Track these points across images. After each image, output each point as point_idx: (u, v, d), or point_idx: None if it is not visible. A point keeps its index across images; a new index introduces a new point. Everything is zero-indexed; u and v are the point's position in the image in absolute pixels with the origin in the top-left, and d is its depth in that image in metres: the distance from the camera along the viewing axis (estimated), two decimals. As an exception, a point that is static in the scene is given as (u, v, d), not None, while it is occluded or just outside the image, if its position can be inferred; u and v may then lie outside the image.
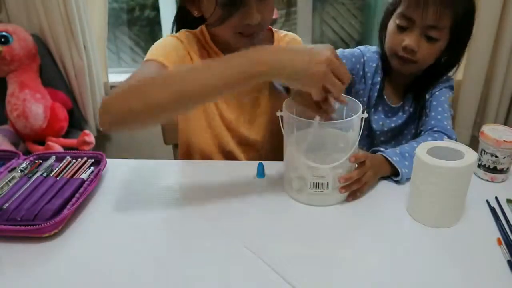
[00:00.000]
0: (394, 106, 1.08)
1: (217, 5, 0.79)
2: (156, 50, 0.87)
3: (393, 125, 1.09)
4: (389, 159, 0.82)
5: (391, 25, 0.97)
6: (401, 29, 0.94)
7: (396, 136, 1.12)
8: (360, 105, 0.74)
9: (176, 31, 0.96)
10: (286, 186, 0.81)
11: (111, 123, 0.70)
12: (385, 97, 1.08)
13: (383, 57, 1.05)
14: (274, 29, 1.00)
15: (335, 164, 0.73)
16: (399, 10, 0.95)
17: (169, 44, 0.90)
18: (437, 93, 1.01)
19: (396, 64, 0.99)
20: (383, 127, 1.10)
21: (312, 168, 0.73)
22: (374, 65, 1.06)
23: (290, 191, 0.80)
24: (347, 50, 1.08)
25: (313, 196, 0.76)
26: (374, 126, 1.11)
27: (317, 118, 0.71)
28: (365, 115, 0.73)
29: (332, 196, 0.77)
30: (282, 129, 0.77)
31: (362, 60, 1.07)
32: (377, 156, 0.83)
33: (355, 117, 0.72)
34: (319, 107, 0.72)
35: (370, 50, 1.08)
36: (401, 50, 0.95)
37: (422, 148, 0.71)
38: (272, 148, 1.02)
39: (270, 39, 0.99)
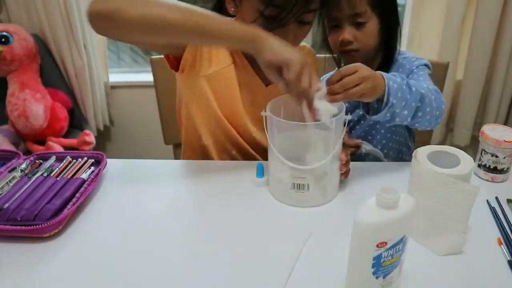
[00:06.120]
0: None
1: (260, 16, 0.79)
2: None
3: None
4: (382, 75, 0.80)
5: (327, 30, 1.06)
6: (333, 29, 1.04)
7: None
8: (344, 106, 0.75)
9: None
10: (270, 186, 0.82)
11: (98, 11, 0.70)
12: None
13: (339, 66, 1.14)
14: None
15: (316, 165, 0.73)
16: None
17: None
18: (414, 71, 1.05)
19: (346, 60, 1.07)
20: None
21: (292, 169, 0.73)
22: None
23: (273, 192, 0.80)
24: None
25: (294, 197, 0.76)
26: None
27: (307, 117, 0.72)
28: (349, 117, 0.75)
29: (313, 197, 0.76)
30: (265, 130, 0.77)
31: None
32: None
33: (336, 118, 0.72)
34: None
35: (326, 76, 1.17)
36: (341, 46, 1.03)
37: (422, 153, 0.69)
38: None
39: None
